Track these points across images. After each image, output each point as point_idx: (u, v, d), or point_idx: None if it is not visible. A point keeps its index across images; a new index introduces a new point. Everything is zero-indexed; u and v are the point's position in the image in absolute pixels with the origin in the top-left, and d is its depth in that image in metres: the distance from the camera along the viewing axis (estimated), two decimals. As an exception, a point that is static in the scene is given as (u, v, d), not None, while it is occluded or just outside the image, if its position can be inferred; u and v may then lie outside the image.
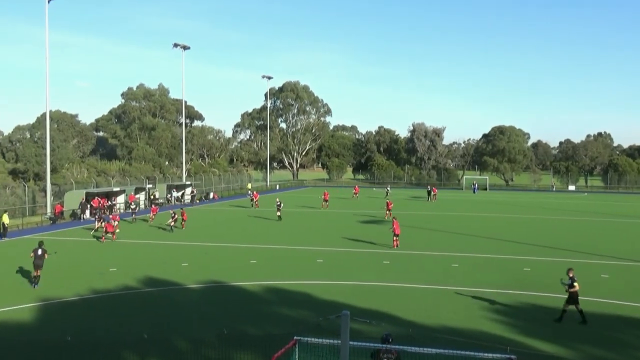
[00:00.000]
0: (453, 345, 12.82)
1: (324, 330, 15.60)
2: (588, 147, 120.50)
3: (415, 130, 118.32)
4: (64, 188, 57.90)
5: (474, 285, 23.68)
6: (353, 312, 10.87)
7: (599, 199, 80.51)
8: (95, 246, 34.27)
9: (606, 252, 32.64)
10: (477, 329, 17.71)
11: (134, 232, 40.19)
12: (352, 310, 13.04)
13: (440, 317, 19.10)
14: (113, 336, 16.76)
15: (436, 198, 72.45)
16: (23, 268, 26.98)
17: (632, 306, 20.69)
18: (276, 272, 26.28)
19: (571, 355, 15.55)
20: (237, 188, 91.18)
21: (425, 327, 17.73)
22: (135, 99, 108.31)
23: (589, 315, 19.44)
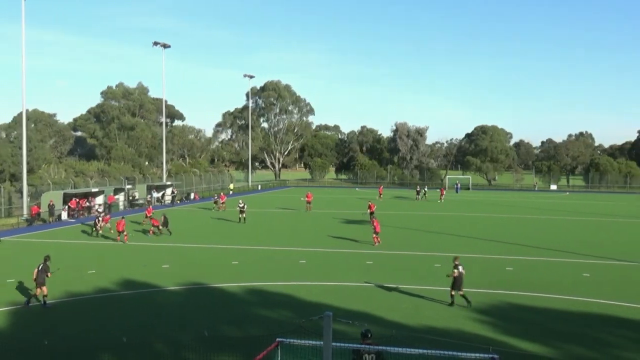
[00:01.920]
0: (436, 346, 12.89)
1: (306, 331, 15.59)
2: (569, 146, 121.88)
3: (398, 130, 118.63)
4: (40, 189, 57.26)
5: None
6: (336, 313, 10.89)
7: (581, 198, 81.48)
8: (73, 248, 33.93)
9: (588, 251, 33.03)
10: (459, 329, 17.83)
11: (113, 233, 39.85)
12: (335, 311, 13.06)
13: (423, 317, 19.20)
14: (91, 340, 16.60)
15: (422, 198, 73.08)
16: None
17: (613, 305, 20.94)
18: (258, 273, 26.20)
19: (553, 354, 15.71)
20: (218, 188, 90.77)
21: (408, 328, 17.80)
22: (115, 98, 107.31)
23: (571, 314, 19.71)
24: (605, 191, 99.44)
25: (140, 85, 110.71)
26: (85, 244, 35.50)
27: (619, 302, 21.35)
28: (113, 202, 58.19)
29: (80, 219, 49.48)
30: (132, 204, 61.96)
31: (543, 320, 18.94)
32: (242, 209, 46.06)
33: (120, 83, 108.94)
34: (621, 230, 44.17)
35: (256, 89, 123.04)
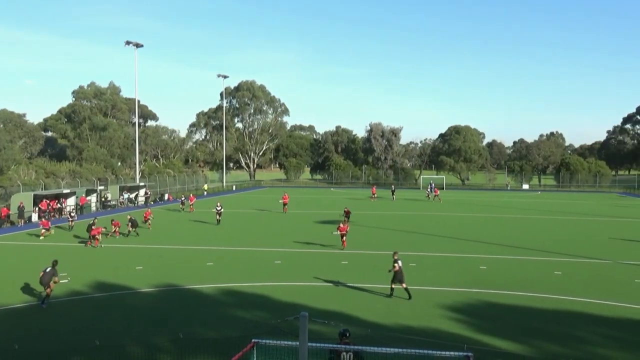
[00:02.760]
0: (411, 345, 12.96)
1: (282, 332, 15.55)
2: (541, 146, 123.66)
3: (373, 130, 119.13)
4: (10, 190, 56.30)
5: (431, 284, 23.99)
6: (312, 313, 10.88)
7: (552, 197, 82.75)
8: (44, 251, 33.35)
9: (559, 249, 33.51)
10: (434, 328, 17.93)
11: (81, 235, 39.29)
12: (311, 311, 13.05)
13: (398, 316, 19.26)
14: (64, 343, 16.33)
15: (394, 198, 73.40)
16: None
17: (584, 302, 21.27)
18: (233, 274, 26.06)
19: (526, 351, 15.88)
20: (192, 189, 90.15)
21: (383, 327, 17.86)
22: (86, 97, 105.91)
23: (543, 312, 19.96)
24: (575, 190, 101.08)
25: (112, 85, 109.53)
26: (55, 245, 34.91)
27: (590, 299, 21.69)
28: (85, 204, 57.43)
29: (51, 220, 48.65)
30: (104, 205, 61.18)
31: (516, 318, 19.15)
32: (219, 211, 45.81)
33: (92, 83, 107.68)
34: (591, 228, 44.91)
35: (230, 89, 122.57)
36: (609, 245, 35.57)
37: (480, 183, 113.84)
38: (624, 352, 15.83)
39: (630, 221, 50.47)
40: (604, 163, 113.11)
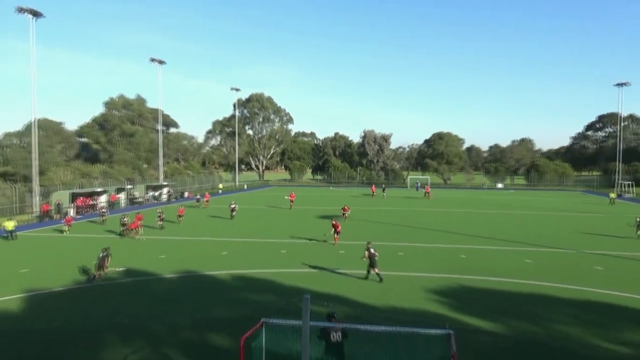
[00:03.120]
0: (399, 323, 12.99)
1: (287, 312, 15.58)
2: (513, 150, 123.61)
3: (366, 136, 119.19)
4: (50, 189, 56.30)
5: (417, 271, 24.03)
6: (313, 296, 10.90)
7: (523, 195, 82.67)
8: (80, 241, 33.40)
9: (529, 240, 33.52)
10: (420, 308, 17.97)
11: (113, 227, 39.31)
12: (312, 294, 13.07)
13: (388, 299, 19.30)
14: (97, 323, 16.39)
15: (384, 196, 73.24)
16: (10, 262, 26.16)
17: (551, 286, 21.31)
18: (245, 262, 26.09)
19: (500, 329, 15.92)
20: (208, 188, 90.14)
21: (375, 308, 17.90)
22: (116, 108, 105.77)
23: (515, 295, 19.98)
24: (543, 189, 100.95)
25: (139, 97, 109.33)
26: (90, 237, 34.95)
27: (556, 284, 21.73)
28: (115, 201, 57.48)
29: (85, 215, 48.81)
30: (132, 201, 61.25)
31: (492, 300, 19.19)
32: (233, 208, 45.61)
33: (121, 95, 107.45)
34: (557, 222, 44.90)
35: (242, 100, 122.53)
36: (572, 236, 35.58)
37: (460, 182, 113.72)
38: (584, 329, 15.87)
39: (591, 215, 50.45)
40: (568, 165, 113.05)
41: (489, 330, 15.69)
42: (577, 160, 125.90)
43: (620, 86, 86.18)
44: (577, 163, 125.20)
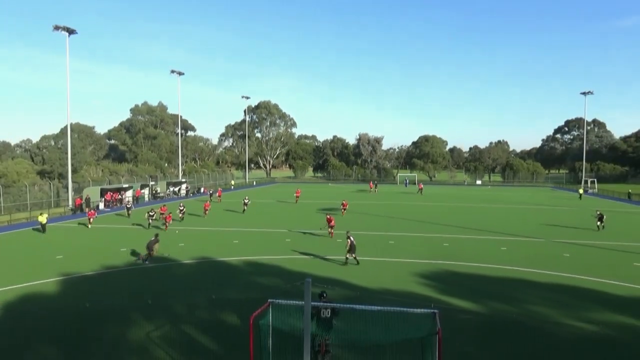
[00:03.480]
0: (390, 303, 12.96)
1: (291, 294, 15.56)
2: (491, 151, 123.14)
3: (361, 139, 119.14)
4: (82, 185, 56.31)
5: (406, 257, 23.99)
6: (314, 280, 10.88)
7: (499, 190, 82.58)
8: (108, 231, 33.37)
9: (504, 230, 33.49)
10: (408, 290, 17.94)
11: (138, 219, 39.29)
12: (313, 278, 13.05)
13: (380, 282, 19.27)
14: (123, 303, 16.36)
15: (376, 191, 73.17)
16: (47, 250, 26.14)
17: (524, 271, 21.29)
18: (254, 249, 26.06)
19: (480, 309, 15.89)
20: (222, 184, 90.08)
21: (369, 290, 17.87)
22: (140, 113, 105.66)
23: (492, 278, 19.95)
24: (517, 185, 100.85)
25: (161, 104, 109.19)
26: (117, 227, 34.93)
27: (528, 269, 21.71)
28: (140, 195, 57.43)
29: (113, 208, 48.77)
30: (154, 196, 61.18)
31: (472, 283, 19.15)
32: (246, 203, 44.82)
33: (145, 102, 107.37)
34: (530, 214, 44.87)
35: (252, 107, 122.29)
36: (543, 227, 35.54)
37: (444, 179, 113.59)
38: (554, 309, 15.84)
39: (560, 209, 50.40)
40: (539, 164, 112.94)
41: (469, 309, 15.66)
42: (547, 159, 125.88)
43: (586, 94, 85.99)
44: (547, 162, 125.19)
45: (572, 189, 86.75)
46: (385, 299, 15.82)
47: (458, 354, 12.03)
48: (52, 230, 33.84)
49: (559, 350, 12.44)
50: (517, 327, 14.10)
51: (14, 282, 19.29)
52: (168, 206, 42.60)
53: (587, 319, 14.88)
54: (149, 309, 15.46)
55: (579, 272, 20.96)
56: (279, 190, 78.04)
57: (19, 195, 48.74)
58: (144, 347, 12.59)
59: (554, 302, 16.69)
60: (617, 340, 13.18)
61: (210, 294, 17.27)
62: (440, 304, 15.57)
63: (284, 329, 10.12)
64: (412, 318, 10.03)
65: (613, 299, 17.11)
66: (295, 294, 14.76)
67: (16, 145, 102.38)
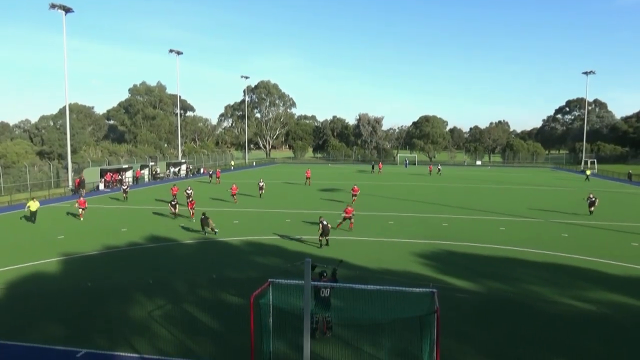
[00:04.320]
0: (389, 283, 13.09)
1: (291, 273, 15.69)
2: (491, 131, 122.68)
3: (361, 119, 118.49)
4: (82, 165, 56.26)
5: (405, 237, 24.12)
6: (314, 259, 10.96)
7: (499, 171, 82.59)
8: (109, 211, 33.47)
9: (503, 210, 33.60)
10: (408, 270, 18.08)
11: (138, 200, 39.36)
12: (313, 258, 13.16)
13: (380, 261, 19.40)
14: (125, 282, 16.51)
15: (381, 172, 72.94)
16: (47, 230, 26.25)
17: (522, 251, 21.43)
18: (254, 230, 26.17)
19: (477, 288, 16.04)
20: (222, 165, 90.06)
21: (369, 270, 18.00)
22: (139, 93, 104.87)
23: (490, 258, 20.09)
24: (517, 165, 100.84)
25: (159, 84, 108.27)
26: (118, 208, 35.03)
27: (526, 248, 21.85)
28: (140, 176, 57.44)
29: (113, 189, 48.81)
30: (154, 177, 61.20)
31: (470, 263, 19.29)
32: (262, 187, 41.32)
33: (144, 82, 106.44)
34: (528, 194, 44.95)
35: (251, 87, 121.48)
36: (541, 207, 35.63)
37: (444, 160, 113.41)
38: (551, 288, 15.99)
39: (559, 189, 50.49)
40: (539, 145, 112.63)
41: (467, 289, 15.81)
42: (547, 140, 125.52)
43: (587, 74, 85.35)
44: (547, 143, 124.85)
45: (572, 169, 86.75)
46: (385, 279, 15.96)
47: (456, 333, 12.20)
48: (52, 210, 33.95)
49: (555, 328, 12.61)
50: (514, 306, 14.25)
51: (16, 262, 19.44)
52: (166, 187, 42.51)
53: (584, 298, 15.04)
54: (150, 288, 15.60)
55: (576, 252, 21.11)
56: (278, 170, 78.02)
57: (19, 176, 48.74)
58: (146, 326, 12.76)
59: (551, 281, 16.84)
60: (613, 319, 13.35)
61: (210, 272, 17.41)
62: (439, 283, 15.72)
63: (284, 308, 10.24)
64: (411, 297, 10.15)
65: (610, 278, 17.27)
66: (295, 273, 14.89)
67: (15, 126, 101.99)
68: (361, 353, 11.12)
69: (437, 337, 8.70)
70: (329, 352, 11.00)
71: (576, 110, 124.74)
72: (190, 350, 11.36)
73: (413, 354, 10.60)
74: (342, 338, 11.87)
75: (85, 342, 11.72)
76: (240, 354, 10.84)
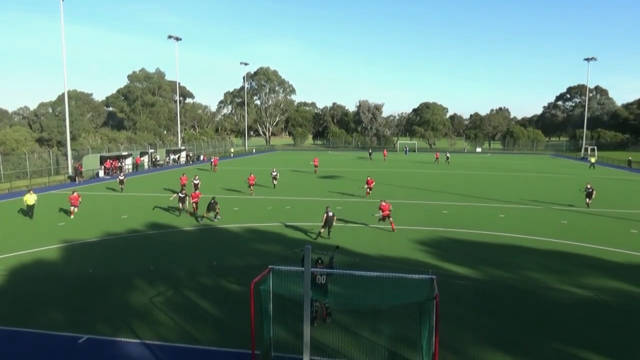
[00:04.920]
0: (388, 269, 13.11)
1: (291, 260, 15.73)
2: (491, 118, 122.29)
3: (361, 106, 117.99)
4: (82, 153, 56.14)
5: (405, 224, 24.14)
6: (313, 246, 10.97)
7: (499, 158, 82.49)
8: (109, 198, 33.47)
9: (503, 197, 33.61)
10: (407, 257, 18.13)
11: (139, 187, 39.33)
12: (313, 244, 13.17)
13: (379, 248, 19.45)
14: (126, 269, 16.56)
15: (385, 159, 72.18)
16: (48, 217, 26.27)
17: (521, 238, 21.47)
18: (254, 216, 26.20)
19: (476, 274, 16.09)
20: (221, 152, 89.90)
21: (369, 256, 18.04)
22: (138, 80, 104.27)
23: (490, 245, 20.12)
24: (517, 152, 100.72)
25: (158, 71, 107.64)
26: (118, 195, 35.01)
27: (525, 235, 21.89)
28: (140, 163, 57.38)
29: (113, 176, 48.75)
30: (154, 164, 61.14)
31: (470, 250, 19.33)
32: (276, 176, 39.01)
33: (143, 68, 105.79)
34: (528, 182, 44.96)
35: (250, 73, 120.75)
36: (541, 193, 35.65)
37: (444, 147, 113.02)
38: (550, 275, 16.06)
39: (559, 176, 50.48)
40: (540, 132, 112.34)
41: (467, 275, 15.86)
42: (547, 127, 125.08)
43: (589, 60, 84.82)
44: (548, 130, 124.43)
45: (572, 156, 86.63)
46: (384, 265, 16.01)
47: (455, 319, 12.27)
48: (52, 197, 33.94)
49: (554, 314, 12.67)
50: (513, 293, 14.30)
51: (17, 248, 19.49)
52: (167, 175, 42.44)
53: (584, 284, 15.10)
54: (151, 274, 15.65)
55: (576, 239, 21.15)
56: (278, 157, 77.88)
57: (19, 163, 48.69)
58: (147, 312, 12.82)
59: (551, 268, 16.89)
60: (612, 305, 13.41)
61: (211, 259, 17.45)
62: (438, 270, 15.77)
63: (284, 294, 10.28)
64: (410, 284, 10.18)
65: (610, 265, 17.33)
66: (296, 260, 14.92)
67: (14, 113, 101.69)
68: (360, 339, 11.20)
69: (436, 324, 8.74)
70: (328, 338, 11.07)
71: (577, 97, 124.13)
72: (191, 335, 11.44)
73: (412, 340, 10.66)
74: (341, 324, 11.94)
75: (87, 328, 11.79)
76: (241, 340, 10.91)
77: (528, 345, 10.93)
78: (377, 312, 11.74)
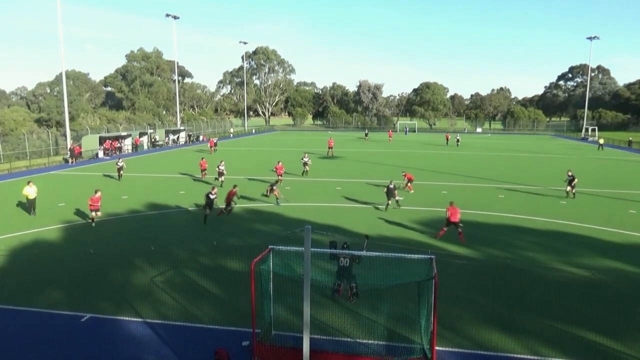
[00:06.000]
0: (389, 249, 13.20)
1: (291, 240, 15.81)
2: (492, 98, 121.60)
3: (361, 86, 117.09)
4: (81, 133, 55.96)
5: (405, 205, 24.20)
6: (313, 227, 11.02)
7: (499, 138, 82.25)
8: (107, 179, 33.46)
9: (502, 178, 33.62)
10: (406, 237, 18.23)
11: (139, 167, 39.28)
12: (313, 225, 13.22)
13: (379, 228, 19.53)
14: (126, 249, 16.66)
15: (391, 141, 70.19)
16: (48, 198, 26.30)
17: (520, 218, 21.56)
18: (254, 197, 26.23)
19: (475, 254, 16.20)
20: (220, 132, 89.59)
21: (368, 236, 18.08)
22: (136, 60, 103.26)
23: (489, 225, 20.21)
24: (518, 133, 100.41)
25: (157, 50, 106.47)
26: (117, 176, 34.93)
27: (523, 215, 21.97)
28: (139, 143, 57.22)
29: (113, 156, 48.68)
30: (153, 144, 60.99)
31: (468, 230, 19.36)
32: (307, 162, 35.44)
33: (141, 48, 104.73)
34: (528, 162, 44.92)
35: (249, 53, 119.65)
36: (540, 174, 35.66)
37: (444, 127, 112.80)
38: (547, 254, 16.17)
39: (558, 156, 50.42)
40: (540, 112, 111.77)
41: (465, 255, 15.97)
42: (548, 107, 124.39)
43: (591, 39, 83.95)
44: (549, 110, 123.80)
45: (573, 137, 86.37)
46: (384, 245, 16.11)
47: (453, 298, 12.39)
48: (52, 178, 33.94)
49: (552, 294, 12.80)
50: (510, 272, 14.42)
51: (18, 229, 19.58)
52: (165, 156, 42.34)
53: (582, 264, 15.22)
54: (152, 254, 15.76)
55: (575, 220, 21.24)
56: (277, 137, 77.63)
57: (18, 143, 48.57)
58: (148, 291, 12.95)
59: (549, 248, 17.00)
60: (610, 285, 13.54)
61: (211, 240, 17.54)
62: (437, 250, 15.87)
63: (285, 274, 10.37)
64: (409, 263, 10.26)
65: (608, 245, 17.43)
66: (296, 240, 15.01)
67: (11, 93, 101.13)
68: (360, 318, 11.33)
69: (435, 303, 8.84)
70: (328, 317, 11.21)
71: (579, 76, 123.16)
72: (192, 315, 11.57)
73: (411, 319, 10.79)
74: (341, 303, 12.07)
75: (89, 307, 11.93)
76: (242, 319, 11.05)
77: (525, 324, 11.07)
78: (377, 292, 11.86)
